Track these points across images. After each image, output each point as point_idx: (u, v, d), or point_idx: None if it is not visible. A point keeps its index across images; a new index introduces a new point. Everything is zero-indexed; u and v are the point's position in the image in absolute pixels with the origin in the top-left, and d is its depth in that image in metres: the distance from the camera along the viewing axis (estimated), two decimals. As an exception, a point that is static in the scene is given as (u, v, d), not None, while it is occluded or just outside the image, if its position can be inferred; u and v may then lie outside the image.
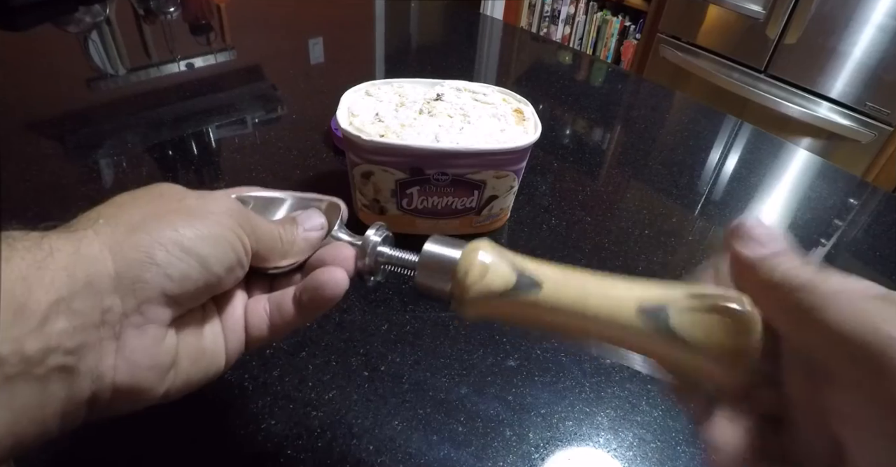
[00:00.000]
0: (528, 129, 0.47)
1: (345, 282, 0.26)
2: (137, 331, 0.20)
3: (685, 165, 0.67)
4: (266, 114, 0.70)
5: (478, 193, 0.47)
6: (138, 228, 0.21)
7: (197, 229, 0.22)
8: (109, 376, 0.20)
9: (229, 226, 0.23)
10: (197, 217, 0.22)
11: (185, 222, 0.22)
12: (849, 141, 1.62)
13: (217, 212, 0.23)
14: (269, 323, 0.26)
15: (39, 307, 0.18)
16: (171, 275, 0.21)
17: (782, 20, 1.62)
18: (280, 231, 0.26)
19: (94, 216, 0.22)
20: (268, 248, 0.25)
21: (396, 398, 0.38)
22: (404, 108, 0.47)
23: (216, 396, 0.36)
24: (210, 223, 0.22)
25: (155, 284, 0.20)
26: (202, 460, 0.33)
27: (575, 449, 0.36)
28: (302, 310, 0.26)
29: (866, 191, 0.69)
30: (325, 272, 0.26)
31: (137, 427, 0.34)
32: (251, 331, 0.26)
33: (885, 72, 1.50)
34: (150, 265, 0.20)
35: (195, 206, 0.23)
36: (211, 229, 0.22)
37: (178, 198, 0.24)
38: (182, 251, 0.21)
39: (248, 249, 0.24)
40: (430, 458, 0.34)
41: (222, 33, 0.93)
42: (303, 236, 0.27)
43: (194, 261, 0.21)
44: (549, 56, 1.01)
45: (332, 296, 0.25)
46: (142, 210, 0.22)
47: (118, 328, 0.20)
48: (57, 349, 0.18)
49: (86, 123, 0.65)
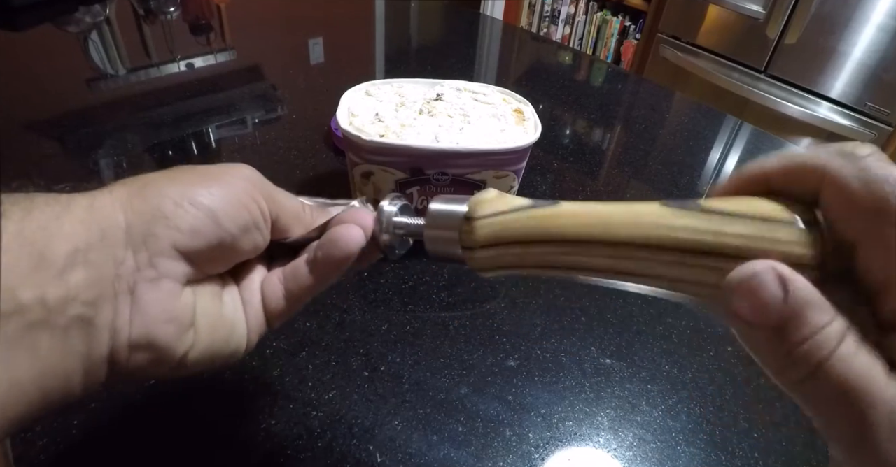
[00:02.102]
0: (528, 129, 0.47)
1: (360, 237, 0.25)
2: (151, 285, 0.20)
3: (685, 165, 0.67)
4: (266, 114, 0.70)
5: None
6: (150, 185, 0.21)
7: (208, 187, 0.22)
8: (125, 331, 0.20)
9: (243, 188, 0.23)
10: (212, 177, 0.22)
11: (197, 181, 0.22)
12: (849, 141, 1.62)
13: (234, 176, 0.23)
14: (283, 290, 0.25)
15: (58, 256, 0.18)
16: (180, 227, 0.20)
17: (782, 20, 1.62)
18: (303, 206, 0.26)
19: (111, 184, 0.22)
20: (290, 217, 0.25)
21: (396, 398, 0.38)
22: (404, 108, 0.47)
23: (216, 396, 0.36)
24: (224, 184, 0.22)
25: (165, 237, 0.20)
26: (202, 460, 0.33)
27: (575, 449, 0.36)
28: (316, 270, 0.25)
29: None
30: (340, 228, 0.25)
31: (137, 426, 0.34)
32: (268, 303, 0.25)
33: (885, 72, 1.50)
34: (159, 217, 0.20)
35: (211, 170, 0.23)
36: (223, 188, 0.22)
37: (195, 167, 0.24)
38: (191, 204, 0.21)
39: (265, 213, 0.24)
40: (430, 458, 0.34)
41: (222, 33, 0.93)
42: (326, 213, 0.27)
43: (204, 214, 0.21)
44: (549, 56, 1.01)
45: (346, 251, 0.24)
46: (157, 174, 0.22)
47: (132, 281, 0.20)
48: (76, 299, 0.18)
49: (86, 123, 0.65)
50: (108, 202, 0.20)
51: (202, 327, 0.22)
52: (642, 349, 0.43)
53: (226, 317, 0.24)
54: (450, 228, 0.23)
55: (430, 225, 0.24)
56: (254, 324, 0.25)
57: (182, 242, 0.21)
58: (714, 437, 0.37)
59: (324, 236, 0.25)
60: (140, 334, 0.20)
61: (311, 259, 0.25)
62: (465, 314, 0.44)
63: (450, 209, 0.24)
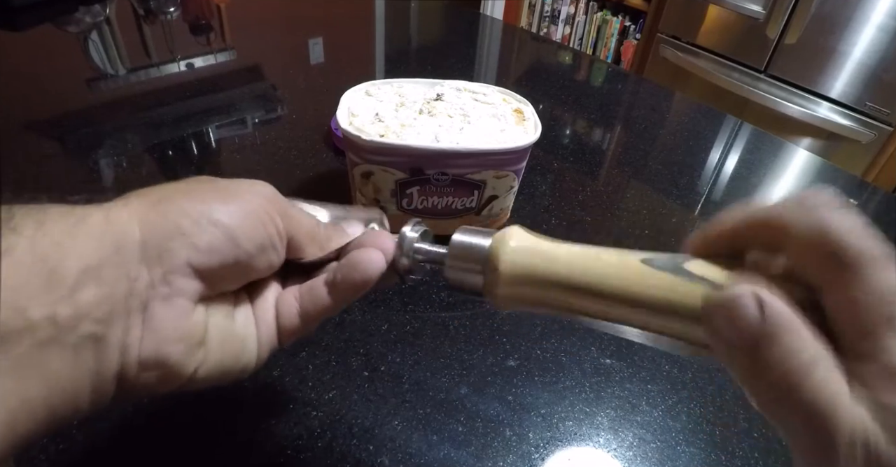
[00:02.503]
0: (528, 129, 0.47)
1: (381, 262, 0.25)
2: (164, 303, 0.20)
3: (685, 165, 0.67)
4: (266, 114, 0.70)
5: (478, 193, 0.47)
6: (168, 200, 0.21)
7: (227, 204, 0.22)
8: (135, 348, 0.20)
9: (261, 206, 0.23)
10: (230, 194, 0.22)
11: (215, 197, 0.22)
12: (849, 141, 1.62)
13: (251, 193, 0.23)
14: (299, 309, 0.25)
15: (70, 273, 0.18)
16: (197, 244, 0.20)
17: (782, 20, 1.62)
18: (319, 224, 0.26)
19: (126, 195, 0.21)
20: (306, 236, 0.25)
21: (396, 398, 0.38)
22: (404, 108, 0.47)
23: (216, 396, 0.36)
24: (242, 201, 0.22)
25: (181, 254, 0.20)
26: (202, 460, 0.33)
27: (575, 449, 0.36)
28: (334, 292, 0.25)
29: (866, 191, 0.69)
30: (362, 252, 0.25)
31: (138, 426, 0.34)
32: (282, 320, 0.25)
33: (885, 72, 1.50)
34: (176, 234, 0.20)
35: (230, 186, 0.23)
36: (241, 206, 0.22)
37: (213, 181, 0.23)
38: (209, 223, 0.21)
39: (281, 232, 0.23)
40: (430, 458, 0.34)
41: (222, 33, 0.93)
42: (342, 232, 0.27)
43: (221, 233, 0.21)
44: (549, 56, 1.01)
45: (366, 276, 0.24)
46: (174, 187, 0.22)
47: (145, 298, 0.20)
48: (87, 317, 0.18)
49: (86, 123, 0.65)
50: (124, 215, 0.20)
51: (213, 344, 0.22)
52: (642, 349, 0.43)
53: (237, 334, 0.23)
54: (473, 261, 0.24)
55: (454, 256, 0.25)
56: (265, 341, 0.25)
57: (198, 260, 0.20)
58: (714, 437, 0.37)
59: (344, 259, 0.25)
60: (150, 352, 0.20)
61: (329, 280, 0.25)
62: (465, 314, 0.44)
63: (474, 243, 0.24)
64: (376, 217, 0.30)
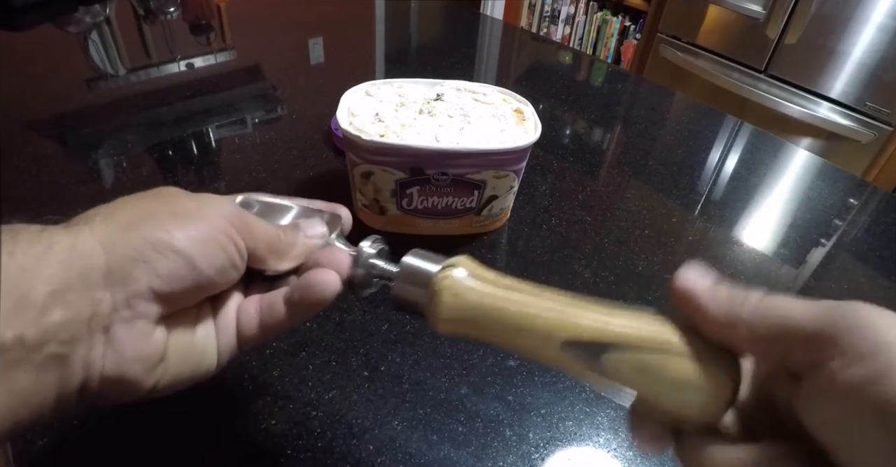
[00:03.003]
0: (528, 129, 0.47)
1: (336, 284, 0.26)
2: (126, 325, 0.21)
3: (685, 165, 0.67)
4: (266, 114, 0.70)
5: (478, 193, 0.47)
6: (132, 227, 0.22)
7: (188, 231, 0.22)
8: (98, 366, 0.21)
9: (222, 229, 0.23)
10: (190, 219, 0.23)
11: (177, 223, 0.22)
12: (849, 141, 1.62)
13: (211, 215, 0.24)
14: (259, 321, 0.26)
15: (38, 298, 0.19)
16: (159, 272, 0.21)
17: (782, 20, 1.62)
18: (280, 233, 0.27)
19: (93, 213, 0.22)
20: (266, 249, 0.26)
21: (396, 398, 0.38)
22: (404, 108, 0.47)
23: (216, 396, 0.36)
24: (202, 225, 0.23)
25: (143, 281, 0.21)
26: (202, 460, 0.33)
27: (575, 449, 0.36)
28: (292, 309, 0.26)
29: (866, 191, 0.69)
30: (318, 273, 0.26)
31: (137, 426, 0.34)
32: (242, 329, 0.26)
33: (885, 72, 1.50)
34: (139, 262, 0.21)
35: (191, 208, 0.24)
36: (202, 231, 0.23)
37: (176, 200, 0.24)
38: (172, 251, 0.22)
39: (241, 251, 0.24)
40: (430, 458, 0.34)
41: (222, 33, 0.93)
42: (303, 241, 0.28)
43: (182, 260, 0.22)
44: (549, 56, 1.01)
45: (322, 297, 0.26)
46: (139, 209, 0.23)
47: (108, 321, 0.21)
48: (53, 338, 0.19)
49: (86, 123, 0.65)
50: (89, 241, 0.20)
51: (173, 359, 0.23)
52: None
53: (197, 346, 0.24)
54: (418, 285, 0.25)
55: (401, 277, 0.26)
56: (225, 349, 0.26)
57: (159, 286, 0.21)
58: (714, 437, 0.37)
59: (302, 278, 0.26)
60: (112, 370, 0.21)
61: (287, 298, 0.26)
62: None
63: (423, 267, 0.25)
64: (340, 214, 0.30)
